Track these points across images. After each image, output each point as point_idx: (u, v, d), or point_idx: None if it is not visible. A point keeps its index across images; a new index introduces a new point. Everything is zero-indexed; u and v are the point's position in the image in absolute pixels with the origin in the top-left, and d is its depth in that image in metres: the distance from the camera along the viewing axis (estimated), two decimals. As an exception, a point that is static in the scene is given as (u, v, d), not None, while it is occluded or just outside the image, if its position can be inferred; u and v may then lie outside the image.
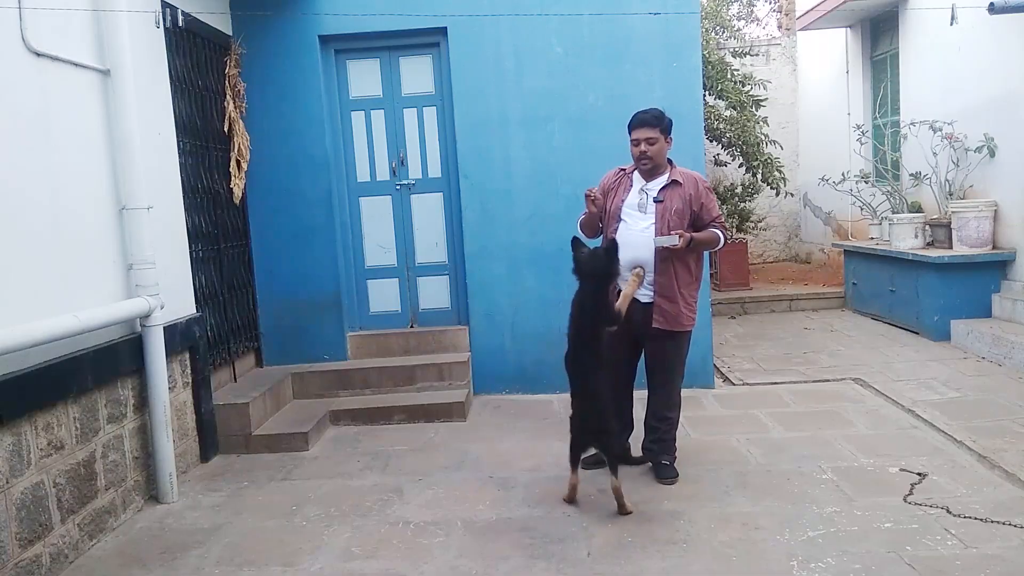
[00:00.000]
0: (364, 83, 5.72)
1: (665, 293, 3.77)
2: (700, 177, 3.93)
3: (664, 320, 3.79)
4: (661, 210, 3.76)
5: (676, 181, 3.81)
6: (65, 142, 3.55)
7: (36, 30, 3.35)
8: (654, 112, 3.81)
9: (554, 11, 5.35)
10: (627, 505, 3.50)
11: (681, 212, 3.76)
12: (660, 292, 3.77)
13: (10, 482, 3.06)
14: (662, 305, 3.78)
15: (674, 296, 3.77)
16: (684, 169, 3.91)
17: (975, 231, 6.49)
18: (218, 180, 5.15)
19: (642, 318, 3.82)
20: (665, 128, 3.80)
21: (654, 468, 3.96)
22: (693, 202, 3.79)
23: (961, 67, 6.89)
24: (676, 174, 3.84)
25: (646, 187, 3.85)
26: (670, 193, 3.79)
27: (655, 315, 3.79)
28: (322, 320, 5.64)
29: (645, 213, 3.80)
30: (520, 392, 5.63)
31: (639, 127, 3.79)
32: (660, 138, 3.78)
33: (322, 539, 3.46)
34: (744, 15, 12.90)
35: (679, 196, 3.79)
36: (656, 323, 3.79)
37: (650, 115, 3.79)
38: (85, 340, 3.52)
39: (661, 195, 3.79)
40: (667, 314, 3.78)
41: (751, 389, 5.51)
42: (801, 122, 11.23)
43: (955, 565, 2.92)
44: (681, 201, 3.78)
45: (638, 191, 3.86)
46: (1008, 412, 4.63)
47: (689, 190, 3.80)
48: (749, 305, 8.55)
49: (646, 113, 3.80)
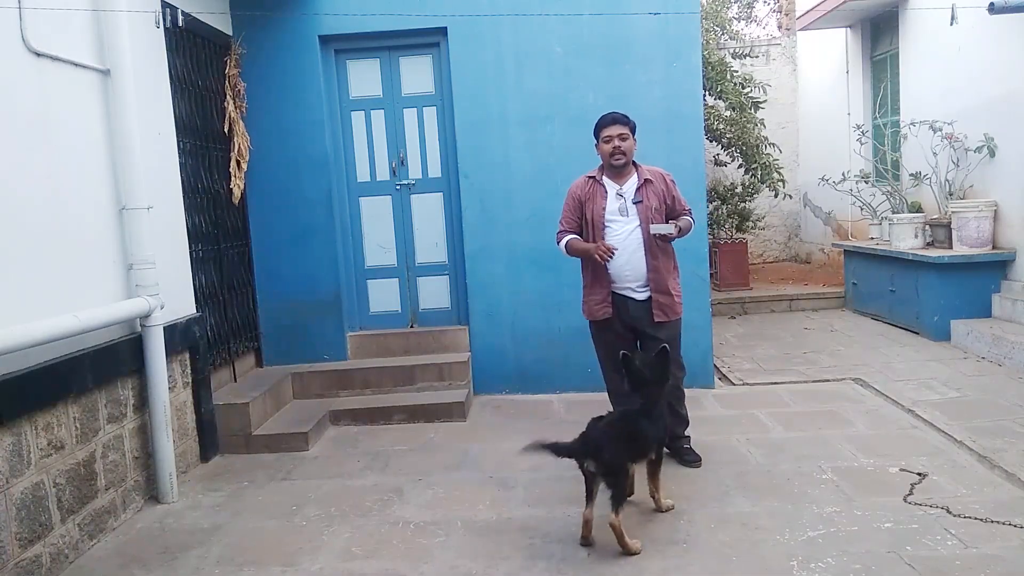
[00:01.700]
0: (364, 83, 5.72)
1: (660, 288, 3.94)
2: (665, 172, 4.08)
3: (663, 312, 3.96)
4: (643, 210, 3.91)
5: (648, 180, 3.96)
6: (65, 142, 3.55)
7: (36, 30, 3.35)
8: (618, 112, 3.99)
9: (554, 11, 5.35)
10: (630, 544, 3.12)
11: (659, 209, 3.94)
12: (656, 288, 3.93)
13: (10, 482, 3.06)
14: (659, 299, 3.94)
15: (666, 288, 3.95)
16: (649, 167, 4.05)
17: (975, 231, 6.48)
18: (218, 180, 5.15)
19: (640, 314, 3.95)
20: (632, 127, 3.97)
21: (678, 454, 4.09)
22: (666, 196, 3.99)
23: (961, 67, 6.89)
24: (645, 173, 4.00)
25: (621, 191, 3.96)
26: (646, 192, 3.94)
27: (655, 310, 3.94)
28: (322, 320, 5.64)
29: (628, 216, 3.93)
30: (520, 392, 5.63)
31: (611, 124, 3.93)
32: (629, 134, 3.93)
33: (322, 539, 3.46)
34: (744, 15, 12.89)
35: (654, 194, 3.95)
36: (657, 317, 3.94)
37: (617, 113, 3.97)
38: (85, 340, 3.52)
39: (639, 195, 3.94)
40: (664, 306, 3.95)
41: (751, 389, 5.51)
42: (801, 122, 11.23)
43: (955, 565, 2.92)
44: (657, 198, 3.95)
45: (615, 196, 3.96)
46: (1008, 412, 4.63)
47: (660, 186, 3.98)
48: (749, 305, 8.55)
49: (612, 113, 3.97)
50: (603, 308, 3.97)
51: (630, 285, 3.93)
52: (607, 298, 3.96)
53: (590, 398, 5.10)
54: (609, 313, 3.96)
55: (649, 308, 3.93)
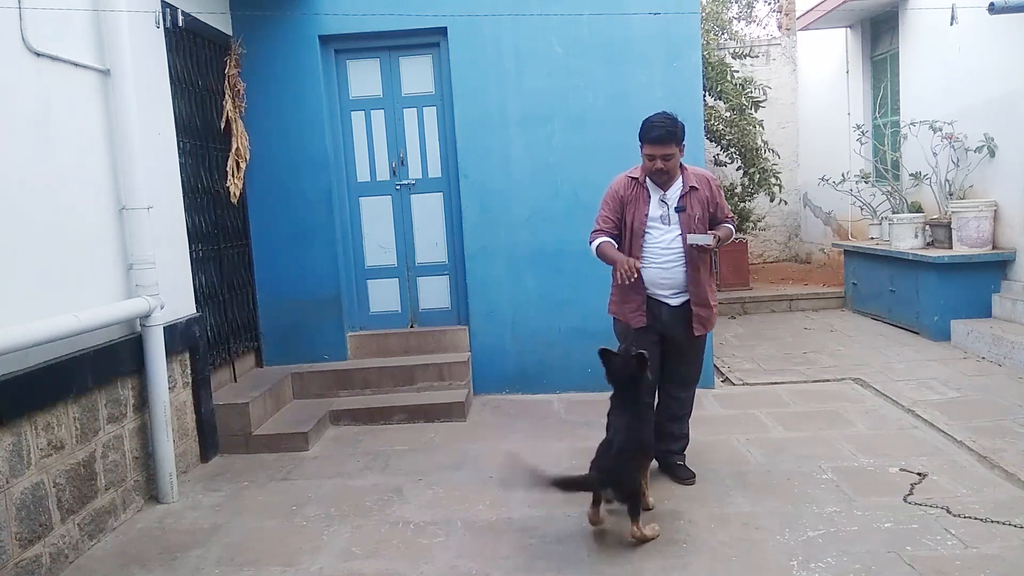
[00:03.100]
0: (364, 83, 5.72)
1: (700, 301, 3.77)
2: (711, 176, 3.87)
3: (702, 325, 3.81)
4: (685, 219, 3.69)
5: (694, 187, 3.73)
6: (65, 142, 3.54)
7: (36, 30, 3.35)
8: (669, 125, 3.58)
9: (554, 11, 5.35)
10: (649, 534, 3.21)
11: (703, 218, 3.73)
12: (696, 301, 3.76)
13: (10, 482, 3.06)
14: (700, 313, 3.77)
15: (707, 300, 3.79)
16: (695, 169, 3.83)
17: (975, 231, 6.49)
18: (218, 180, 5.15)
19: (672, 320, 3.78)
20: (679, 139, 3.65)
21: (670, 470, 3.94)
22: (710, 204, 3.77)
23: (961, 67, 6.89)
24: (691, 179, 3.73)
25: (665, 197, 3.72)
26: (690, 200, 3.71)
27: (695, 323, 3.77)
28: (322, 320, 5.64)
29: (669, 224, 3.70)
30: (520, 392, 5.63)
31: (656, 144, 3.59)
32: (676, 152, 3.64)
33: (322, 539, 3.46)
34: (744, 15, 12.89)
35: (698, 202, 3.72)
36: (697, 331, 3.80)
37: (666, 130, 3.56)
38: (85, 340, 3.52)
39: (682, 203, 3.71)
40: (704, 319, 3.80)
41: (751, 389, 5.51)
42: (801, 122, 11.24)
43: (955, 565, 2.92)
44: (701, 207, 3.73)
45: (658, 202, 3.72)
46: (1008, 412, 4.63)
47: (705, 193, 3.75)
48: (749, 305, 8.55)
49: (661, 128, 3.57)
50: (638, 316, 3.76)
51: (665, 292, 3.75)
52: (642, 305, 3.75)
53: (590, 398, 5.11)
54: (644, 321, 3.75)
55: (683, 315, 3.76)
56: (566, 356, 5.54)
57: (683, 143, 3.70)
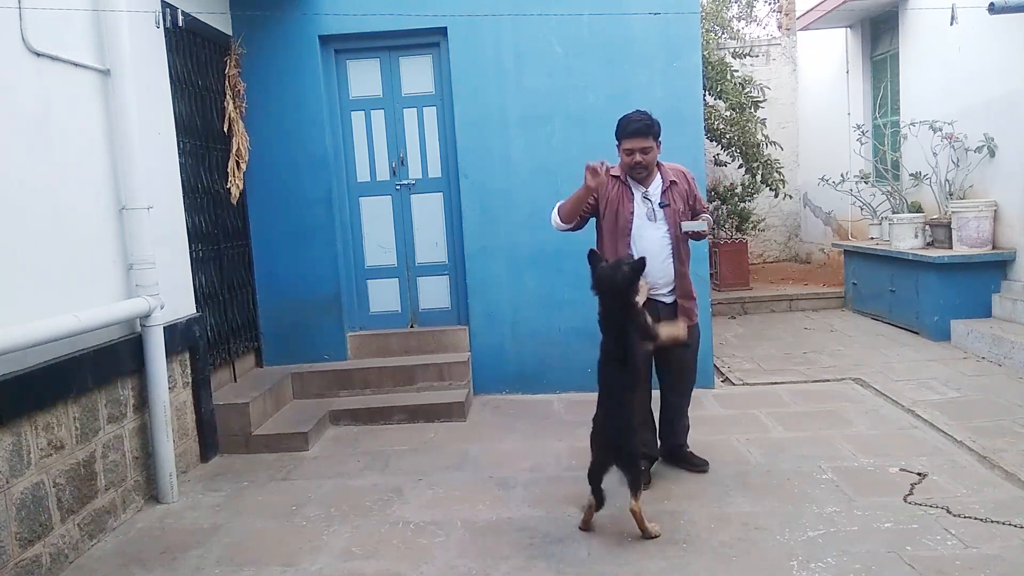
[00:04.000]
0: (364, 83, 5.72)
1: (685, 293, 3.88)
2: (685, 169, 3.98)
3: (688, 317, 3.89)
4: (671, 214, 3.79)
5: (674, 182, 3.83)
6: (65, 142, 3.54)
7: (36, 30, 3.35)
8: (644, 119, 3.71)
9: (554, 11, 5.35)
10: (650, 528, 3.23)
11: (684, 212, 3.84)
12: (682, 294, 3.86)
13: (10, 482, 3.06)
14: (685, 305, 3.87)
15: (691, 293, 3.91)
16: (671, 165, 3.93)
17: (975, 231, 6.49)
18: (218, 180, 5.15)
19: (666, 317, 3.81)
20: (656, 133, 3.75)
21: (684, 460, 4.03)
22: (689, 197, 3.89)
23: (961, 67, 6.89)
24: (670, 174, 3.84)
25: (647, 194, 3.81)
26: (672, 195, 3.82)
27: (680, 316, 3.84)
28: (322, 320, 5.64)
29: (655, 221, 3.79)
30: (520, 392, 5.63)
31: (632, 137, 3.71)
32: (653, 146, 3.74)
33: (322, 539, 3.46)
34: (744, 15, 12.89)
35: (679, 195, 3.84)
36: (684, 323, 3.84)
37: (642, 123, 3.70)
38: (85, 340, 3.52)
39: (665, 199, 3.80)
40: (689, 311, 3.90)
41: (751, 389, 5.51)
42: (801, 122, 11.23)
43: (955, 565, 2.92)
44: (682, 200, 3.84)
45: (641, 199, 3.80)
46: (1008, 412, 4.63)
47: (683, 186, 3.87)
48: (749, 305, 8.55)
49: (638, 121, 3.71)
50: None
51: (660, 291, 3.82)
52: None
53: (590, 398, 5.04)
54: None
55: (675, 313, 3.83)
56: (566, 356, 5.54)
57: (659, 139, 3.80)
